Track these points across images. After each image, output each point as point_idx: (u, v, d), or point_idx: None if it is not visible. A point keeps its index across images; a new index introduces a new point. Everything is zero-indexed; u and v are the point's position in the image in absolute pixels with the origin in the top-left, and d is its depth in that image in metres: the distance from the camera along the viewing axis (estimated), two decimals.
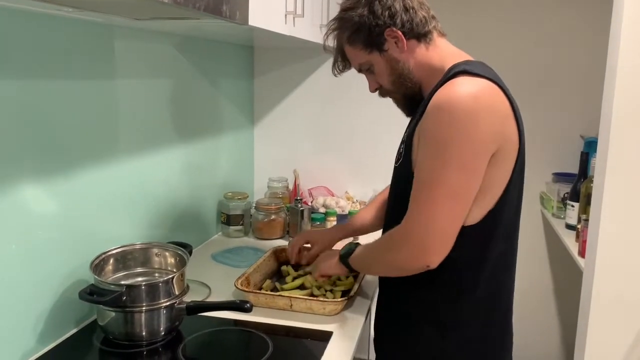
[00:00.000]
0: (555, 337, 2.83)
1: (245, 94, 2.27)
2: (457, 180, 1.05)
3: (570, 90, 2.57)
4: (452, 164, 1.05)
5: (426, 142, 1.08)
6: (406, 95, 1.24)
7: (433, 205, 1.06)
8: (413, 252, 1.10)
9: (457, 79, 1.08)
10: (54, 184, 1.20)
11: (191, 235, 1.84)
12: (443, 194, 1.06)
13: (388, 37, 1.17)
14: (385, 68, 1.21)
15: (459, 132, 1.04)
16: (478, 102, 1.05)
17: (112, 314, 1.19)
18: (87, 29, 1.27)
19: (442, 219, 1.07)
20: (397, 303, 1.26)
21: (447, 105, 1.04)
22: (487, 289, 1.17)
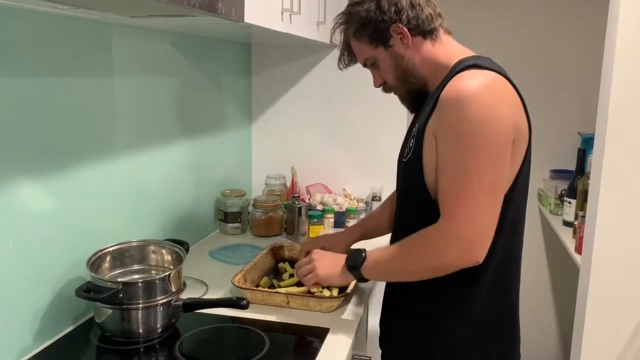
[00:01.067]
0: (552, 333, 2.84)
1: (243, 92, 2.27)
2: (491, 170, 1.05)
3: (567, 87, 2.58)
4: (483, 154, 1.04)
5: (449, 136, 1.07)
6: (410, 92, 1.24)
7: (473, 199, 1.05)
8: (462, 251, 1.06)
9: (468, 72, 1.09)
10: (51, 182, 1.20)
11: (189, 232, 1.84)
12: (480, 186, 1.05)
13: (394, 32, 1.17)
14: (390, 64, 1.21)
15: (483, 123, 1.04)
16: (494, 93, 1.06)
17: (109, 311, 1.19)
18: (83, 27, 1.27)
19: (483, 211, 1.06)
20: (406, 300, 1.25)
21: (465, 98, 1.04)
22: (494, 283, 1.16)
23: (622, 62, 1.52)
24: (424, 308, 1.21)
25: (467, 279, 1.13)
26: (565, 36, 2.57)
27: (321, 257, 1.32)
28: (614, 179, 1.57)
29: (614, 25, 1.53)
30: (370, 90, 2.19)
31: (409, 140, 1.21)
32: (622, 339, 1.64)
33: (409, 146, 1.19)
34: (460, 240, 1.06)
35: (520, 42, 2.57)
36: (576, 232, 2.03)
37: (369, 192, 2.26)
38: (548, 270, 2.77)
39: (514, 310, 1.24)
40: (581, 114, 2.52)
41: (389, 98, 2.17)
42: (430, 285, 1.15)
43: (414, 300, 1.23)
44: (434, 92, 1.17)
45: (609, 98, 1.54)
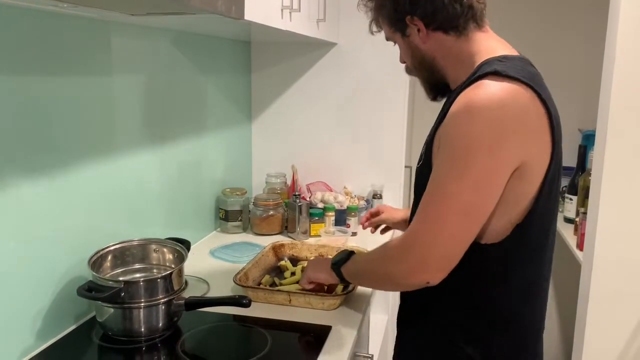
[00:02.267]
0: (554, 330, 2.84)
1: (243, 90, 2.26)
2: (469, 197, 0.97)
3: (568, 84, 2.57)
4: (467, 178, 0.96)
5: (444, 149, 1.00)
6: (426, 81, 1.20)
7: (439, 221, 0.99)
8: (412, 267, 1.02)
9: (485, 81, 0.97)
10: (51, 181, 1.20)
11: (189, 231, 1.84)
12: (452, 210, 0.98)
13: (409, 23, 1.10)
14: (407, 51, 1.17)
15: (479, 143, 0.95)
16: (505, 110, 0.95)
17: (111, 310, 1.19)
18: (83, 25, 1.27)
19: (447, 236, 0.99)
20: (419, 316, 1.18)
21: (469, 111, 0.95)
22: (510, 313, 1.09)
23: (623, 58, 1.52)
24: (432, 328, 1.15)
25: (477, 301, 1.08)
26: (566, 32, 2.57)
27: (312, 261, 1.44)
28: (615, 176, 1.57)
29: (615, 22, 1.53)
30: (371, 89, 2.21)
31: (423, 146, 1.15)
32: (624, 336, 1.64)
33: (421, 152, 1.13)
34: (413, 255, 1.02)
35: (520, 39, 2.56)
36: (577, 229, 2.03)
37: (369, 190, 2.26)
38: None
39: (538, 333, 1.16)
40: (582, 111, 2.52)
41: (389, 96, 2.18)
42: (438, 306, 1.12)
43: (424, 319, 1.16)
44: (455, 91, 1.08)
45: (610, 94, 1.54)
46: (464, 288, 1.08)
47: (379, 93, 2.19)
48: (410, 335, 1.22)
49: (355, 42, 2.18)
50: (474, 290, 1.08)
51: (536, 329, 1.14)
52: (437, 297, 1.10)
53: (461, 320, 1.10)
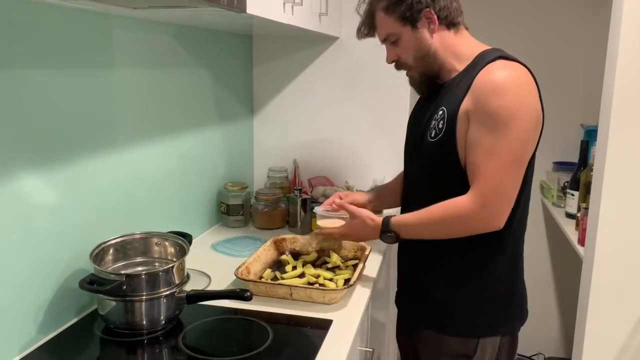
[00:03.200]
0: (555, 324, 2.84)
1: (244, 84, 2.26)
2: (519, 148, 1.21)
3: (570, 79, 2.57)
4: (514, 134, 1.19)
5: (485, 119, 1.19)
6: (424, 74, 1.34)
7: (502, 173, 1.20)
8: (489, 218, 1.22)
9: (501, 62, 1.23)
10: (53, 174, 1.20)
11: (191, 225, 1.84)
12: (509, 162, 1.20)
13: (424, 17, 1.27)
14: (413, 44, 1.30)
15: (517, 108, 1.19)
16: (527, 82, 1.22)
17: (113, 303, 1.19)
18: (85, 19, 1.27)
19: (510, 183, 1.22)
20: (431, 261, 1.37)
21: (504, 86, 1.19)
22: (514, 248, 1.33)
23: (626, 53, 1.52)
24: (449, 267, 1.33)
25: (493, 242, 1.27)
26: (568, 28, 2.56)
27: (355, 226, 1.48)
28: (617, 171, 1.57)
29: (618, 16, 1.52)
30: (373, 83, 2.20)
31: (431, 122, 1.30)
32: (625, 331, 1.64)
33: (436, 127, 1.28)
34: (488, 207, 1.21)
35: (522, 34, 2.56)
36: (579, 224, 2.03)
37: (371, 184, 2.25)
38: (550, 262, 2.77)
39: (522, 272, 1.39)
40: (584, 106, 2.51)
41: (391, 91, 2.17)
42: (457, 246, 1.29)
43: (439, 261, 1.35)
44: (456, 79, 1.29)
45: (613, 90, 1.54)
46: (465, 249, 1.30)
47: (381, 87, 2.19)
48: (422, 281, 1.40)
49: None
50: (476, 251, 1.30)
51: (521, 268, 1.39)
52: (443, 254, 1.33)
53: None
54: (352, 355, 1.26)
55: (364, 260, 1.56)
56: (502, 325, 1.35)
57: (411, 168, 1.44)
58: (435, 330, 1.36)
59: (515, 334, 1.39)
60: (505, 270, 1.33)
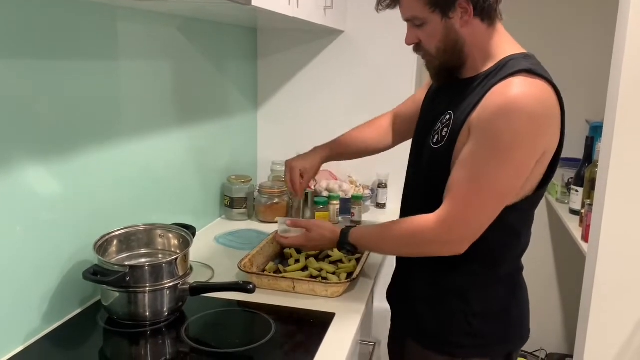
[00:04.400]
0: (558, 320, 2.84)
1: (249, 77, 2.26)
2: (508, 183, 1.10)
3: (575, 75, 2.55)
4: (508, 167, 1.08)
5: (484, 138, 1.09)
6: (444, 65, 1.20)
7: (479, 205, 1.11)
8: (450, 243, 1.15)
9: (523, 79, 1.08)
10: (57, 166, 1.21)
11: (194, 218, 1.85)
12: (491, 195, 1.11)
13: (459, 7, 1.12)
14: (440, 33, 1.15)
15: (523, 138, 1.06)
16: (544, 109, 1.08)
17: (116, 294, 1.20)
18: (90, 10, 1.26)
19: (484, 217, 1.12)
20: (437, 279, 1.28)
21: (516, 108, 1.05)
22: (508, 268, 1.25)
23: (632, 49, 1.51)
24: (436, 280, 1.25)
25: (486, 260, 1.21)
26: (573, 23, 2.54)
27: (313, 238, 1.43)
28: (622, 167, 1.56)
29: (625, 12, 1.51)
30: (378, 77, 2.20)
31: (436, 125, 1.21)
32: (628, 327, 1.64)
33: (440, 133, 1.18)
34: (452, 233, 1.13)
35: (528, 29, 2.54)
36: (583, 221, 2.02)
37: (374, 179, 2.25)
38: (554, 258, 2.76)
39: (520, 291, 1.30)
40: (590, 102, 2.50)
41: (396, 84, 2.16)
42: (446, 260, 1.19)
43: (427, 272, 1.27)
44: (475, 81, 1.16)
45: (619, 86, 1.53)
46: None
47: (386, 81, 2.18)
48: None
49: (362, 30, 2.17)
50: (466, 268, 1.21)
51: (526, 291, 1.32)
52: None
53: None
54: (354, 348, 1.26)
55: (367, 254, 1.56)
56: (492, 347, 1.25)
57: (412, 167, 1.35)
58: (420, 343, 1.29)
59: (511, 356, 1.29)
60: (499, 290, 1.24)
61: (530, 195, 1.17)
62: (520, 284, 1.29)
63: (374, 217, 2.12)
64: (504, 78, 1.09)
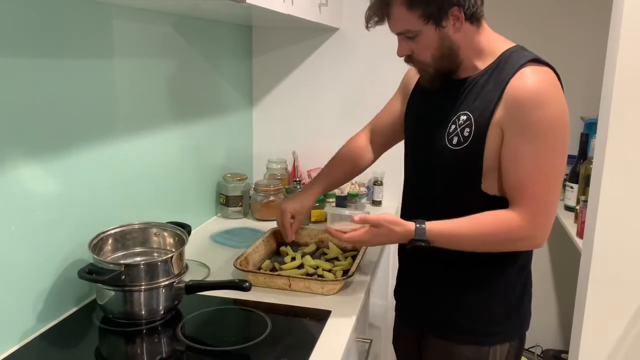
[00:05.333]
0: (553, 317, 2.85)
1: (244, 75, 2.25)
2: (561, 162, 1.19)
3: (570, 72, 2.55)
4: (557, 151, 1.16)
5: (529, 133, 1.14)
6: (440, 71, 1.23)
7: (548, 191, 1.18)
8: (537, 237, 1.19)
9: (535, 68, 1.16)
10: (52, 164, 1.20)
11: (190, 216, 1.84)
12: (555, 181, 1.18)
13: (451, 15, 1.16)
14: (434, 42, 1.19)
15: (557, 122, 1.14)
16: (561, 92, 1.17)
17: (112, 293, 1.20)
18: (84, 9, 1.26)
19: (554, 200, 1.20)
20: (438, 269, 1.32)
21: (544, 97, 1.13)
22: (523, 258, 1.30)
23: (626, 46, 1.51)
24: (457, 273, 1.29)
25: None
26: (568, 20, 2.54)
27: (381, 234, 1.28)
28: (616, 164, 1.56)
29: (619, 10, 1.51)
30: (373, 74, 2.20)
31: (448, 125, 1.22)
32: (623, 323, 1.65)
33: (460, 134, 1.20)
34: (537, 227, 1.18)
35: (522, 26, 2.54)
36: (578, 217, 2.03)
37: (370, 177, 2.25)
38: (549, 254, 2.77)
39: (530, 281, 1.36)
40: (584, 99, 2.50)
41: (390, 81, 2.16)
42: (467, 256, 1.24)
43: (446, 265, 1.29)
44: (479, 78, 1.21)
45: (613, 83, 1.53)
46: None
47: (381, 78, 2.18)
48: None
49: (357, 27, 2.15)
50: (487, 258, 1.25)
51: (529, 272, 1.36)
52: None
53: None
54: (350, 345, 1.26)
55: (363, 251, 1.56)
56: (511, 332, 1.32)
57: (422, 171, 1.33)
58: (444, 337, 1.32)
59: (523, 339, 1.37)
60: (515, 279, 1.30)
61: None
62: (530, 272, 1.35)
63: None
64: (517, 70, 1.15)
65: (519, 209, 1.17)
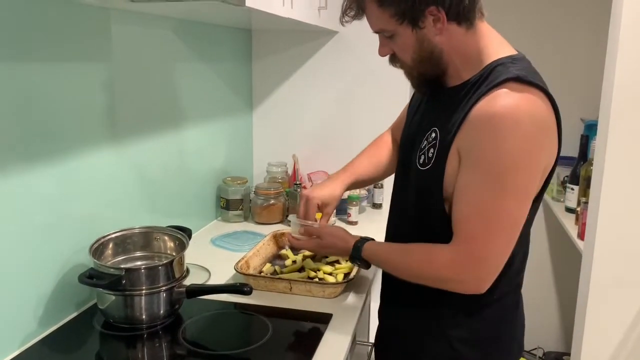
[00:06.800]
0: (554, 319, 2.85)
1: (244, 78, 2.25)
2: (517, 209, 1.01)
3: (569, 73, 2.56)
4: (513, 192, 0.99)
5: (479, 165, 0.99)
6: (423, 76, 1.11)
7: (492, 238, 1.01)
8: (467, 284, 1.05)
9: (509, 92, 0.97)
10: (52, 168, 1.20)
11: (190, 220, 1.84)
12: (503, 226, 1.01)
13: (429, 14, 1.01)
14: (412, 45, 1.06)
15: (521, 158, 0.97)
16: (539, 124, 0.98)
17: (112, 298, 1.19)
18: (83, 12, 1.26)
19: (500, 250, 1.02)
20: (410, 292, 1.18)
21: (506, 126, 0.95)
22: (504, 292, 1.14)
23: (626, 47, 1.51)
24: (435, 300, 1.14)
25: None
26: (567, 21, 2.55)
27: (330, 233, 1.30)
28: (617, 165, 1.56)
29: (618, 10, 1.52)
30: (373, 78, 2.20)
31: (422, 142, 1.12)
32: (624, 325, 1.64)
33: (427, 154, 1.09)
34: (469, 272, 1.04)
35: (521, 27, 2.55)
36: (579, 219, 2.03)
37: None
38: (550, 256, 2.77)
39: (514, 312, 1.22)
40: (584, 100, 2.50)
41: (390, 85, 2.17)
42: None
43: (412, 292, 1.16)
44: (458, 91, 1.06)
45: (613, 84, 1.53)
46: None
47: (380, 82, 2.18)
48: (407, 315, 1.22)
49: (356, 30, 2.15)
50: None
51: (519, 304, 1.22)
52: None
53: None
54: (351, 349, 1.26)
55: None
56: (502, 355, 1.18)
57: (399, 189, 1.25)
58: None
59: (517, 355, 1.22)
60: (489, 315, 1.14)
61: None
62: (515, 304, 1.20)
63: (371, 217, 2.12)
64: (491, 89, 0.99)
65: (453, 247, 1.04)
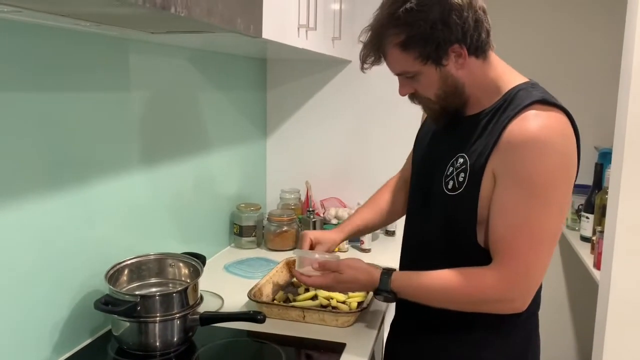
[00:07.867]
0: (570, 351, 2.79)
1: (258, 106, 2.29)
2: (556, 224, 1.06)
3: (584, 101, 2.56)
4: (552, 208, 1.04)
5: (519, 183, 1.03)
6: (446, 109, 1.15)
7: (535, 251, 1.05)
8: (515, 300, 1.08)
9: (539, 111, 1.04)
10: (69, 195, 1.22)
11: (204, 246, 1.85)
12: (544, 240, 1.05)
13: (452, 52, 1.07)
14: (436, 82, 1.10)
15: (557, 174, 1.03)
16: (566, 140, 1.04)
17: (127, 324, 1.20)
18: (101, 43, 1.29)
19: (542, 262, 1.07)
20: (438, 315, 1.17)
21: (541, 145, 1.01)
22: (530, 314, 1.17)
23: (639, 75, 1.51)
24: (460, 323, 1.16)
25: None
26: (581, 49, 2.56)
27: (344, 280, 1.25)
28: (632, 194, 1.55)
29: (631, 39, 1.53)
30: (385, 106, 2.22)
31: (446, 167, 1.14)
32: None
33: (456, 179, 1.11)
34: (516, 290, 1.07)
35: (535, 56, 2.56)
36: (594, 248, 2.01)
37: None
38: (566, 286, 2.73)
39: (534, 332, 1.23)
40: (598, 128, 2.50)
41: (402, 113, 2.18)
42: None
43: (448, 315, 1.15)
44: (482, 117, 1.11)
45: (627, 112, 1.53)
46: None
47: (393, 110, 2.20)
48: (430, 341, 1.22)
49: None
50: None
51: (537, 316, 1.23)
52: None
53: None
54: None
55: None
56: None
57: (419, 216, 1.25)
58: None
59: None
60: (518, 335, 1.16)
61: None
62: (536, 325, 1.23)
63: (384, 244, 2.12)
64: (519, 112, 1.04)
65: (497, 267, 1.06)
